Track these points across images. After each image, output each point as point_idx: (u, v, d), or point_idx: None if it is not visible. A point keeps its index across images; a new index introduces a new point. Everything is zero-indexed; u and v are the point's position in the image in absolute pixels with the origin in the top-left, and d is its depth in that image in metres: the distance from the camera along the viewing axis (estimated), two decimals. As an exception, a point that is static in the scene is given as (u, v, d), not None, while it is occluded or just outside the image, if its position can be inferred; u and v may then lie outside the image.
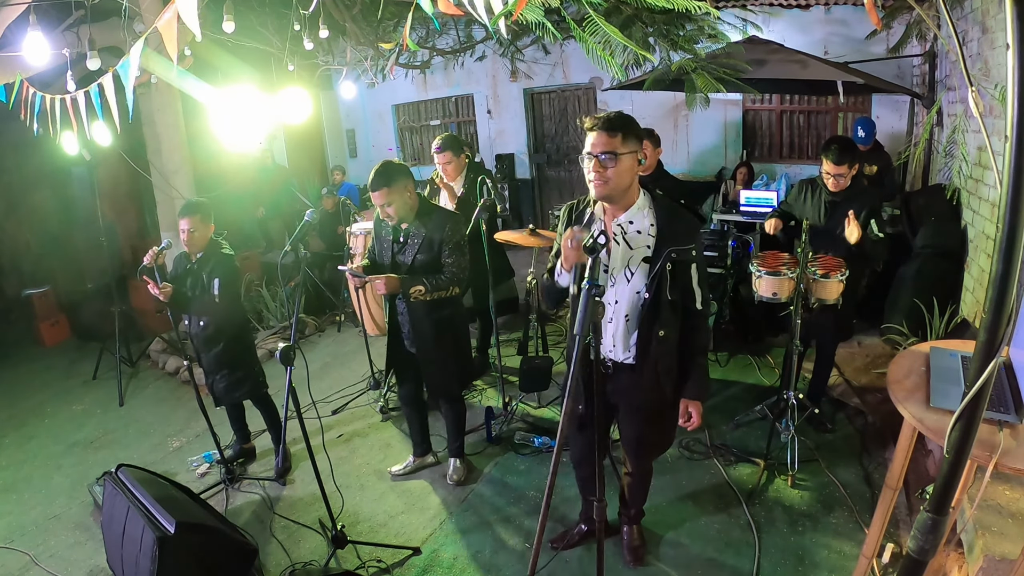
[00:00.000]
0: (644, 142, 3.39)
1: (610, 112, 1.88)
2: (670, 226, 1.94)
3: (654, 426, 2.17)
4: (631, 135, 1.85)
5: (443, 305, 2.73)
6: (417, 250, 2.67)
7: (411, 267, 2.68)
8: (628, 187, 1.91)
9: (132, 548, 2.31)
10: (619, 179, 1.86)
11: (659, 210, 1.97)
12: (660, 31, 3.97)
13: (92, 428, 4.19)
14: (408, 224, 2.69)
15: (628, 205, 1.95)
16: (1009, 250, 0.89)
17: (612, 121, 1.84)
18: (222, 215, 3.23)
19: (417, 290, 2.59)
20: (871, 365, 3.84)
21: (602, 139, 1.83)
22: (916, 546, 1.13)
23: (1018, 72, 0.84)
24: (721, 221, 5.53)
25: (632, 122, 1.88)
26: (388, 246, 2.75)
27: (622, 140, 1.83)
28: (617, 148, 1.82)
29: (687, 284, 1.98)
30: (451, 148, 3.69)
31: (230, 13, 2.86)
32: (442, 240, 2.65)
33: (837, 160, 2.93)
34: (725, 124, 6.44)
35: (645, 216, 1.96)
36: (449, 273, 2.65)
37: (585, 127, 1.89)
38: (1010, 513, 1.89)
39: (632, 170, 1.89)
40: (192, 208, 3.06)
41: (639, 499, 2.47)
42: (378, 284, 2.57)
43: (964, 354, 1.81)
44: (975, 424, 1.00)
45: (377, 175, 2.56)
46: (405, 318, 2.79)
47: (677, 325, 2.03)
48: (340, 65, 6.13)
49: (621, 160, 1.84)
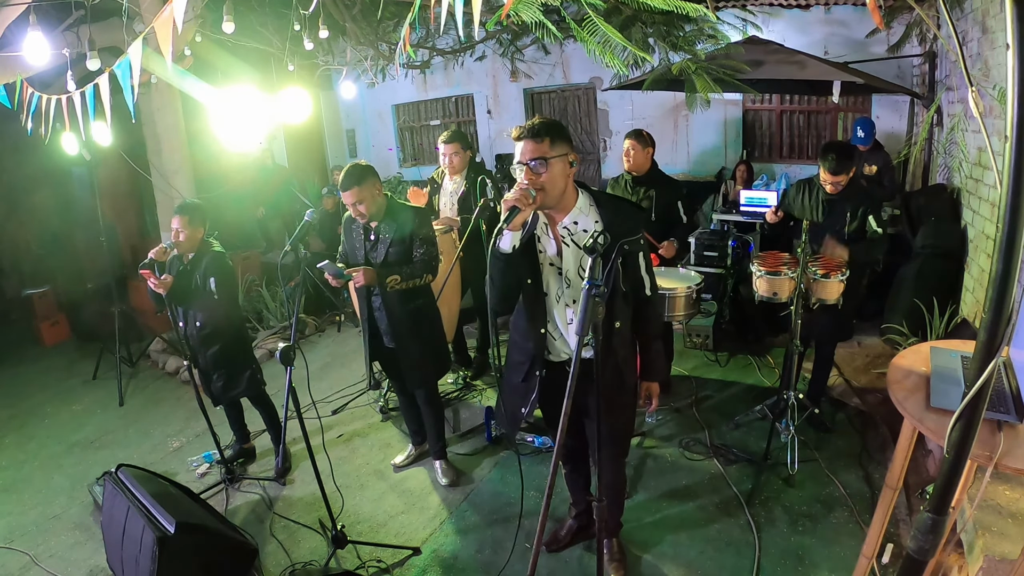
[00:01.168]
0: (635, 143, 3.41)
1: (534, 119, 1.91)
2: (616, 219, 1.97)
3: (617, 414, 2.18)
4: (559, 139, 1.88)
5: (417, 295, 2.85)
6: (389, 245, 2.76)
7: (384, 262, 2.76)
8: (564, 190, 1.93)
9: (132, 548, 2.31)
10: (552, 183, 1.88)
11: (601, 206, 2.00)
12: (660, 32, 3.98)
13: (92, 428, 4.19)
14: (378, 222, 2.78)
15: (568, 207, 1.98)
16: (1009, 250, 0.89)
17: (536, 128, 1.87)
18: (222, 215, 3.26)
19: (393, 279, 2.68)
20: (871, 365, 3.84)
21: (530, 146, 1.86)
22: (916, 546, 1.13)
23: (1018, 72, 0.84)
24: (721, 221, 5.54)
25: (557, 126, 1.91)
26: (360, 244, 2.84)
27: (550, 145, 1.86)
28: (546, 153, 1.85)
29: (636, 273, 2.04)
30: (459, 140, 3.76)
31: (230, 13, 2.86)
32: (412, 234, 2.76)
33: (834, 170, 2.94)
34: (725, 124, 6.44)
35: (588, 215, 1.99)
36: (421, 261, 2.76)
37: (512, 137, 1.93)
38: (1010, 513, 1.90)
39: (564, 173, 1.91)
40: (184, 209, 3.09)
41: (615, 512, 2.44)
42: (357, 276, 2.64)
43: (964, 354, 1.81)
44: (975, 424, 1.00)
45: (347, 175, 2.64)
46: (381, 313, 2.87)
47: (629, 315, 2.10)
48: (340, 65, 6.13)
49: (552, 164, 1.86)
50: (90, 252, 5.75)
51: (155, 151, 5.01)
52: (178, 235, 3.03)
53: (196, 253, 3.12)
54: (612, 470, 2.33)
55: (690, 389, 3.75)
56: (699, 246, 5.14)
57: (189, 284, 3.09)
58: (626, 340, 2.12)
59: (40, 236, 6.59)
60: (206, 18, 4.37)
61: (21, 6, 3.04)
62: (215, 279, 3.05)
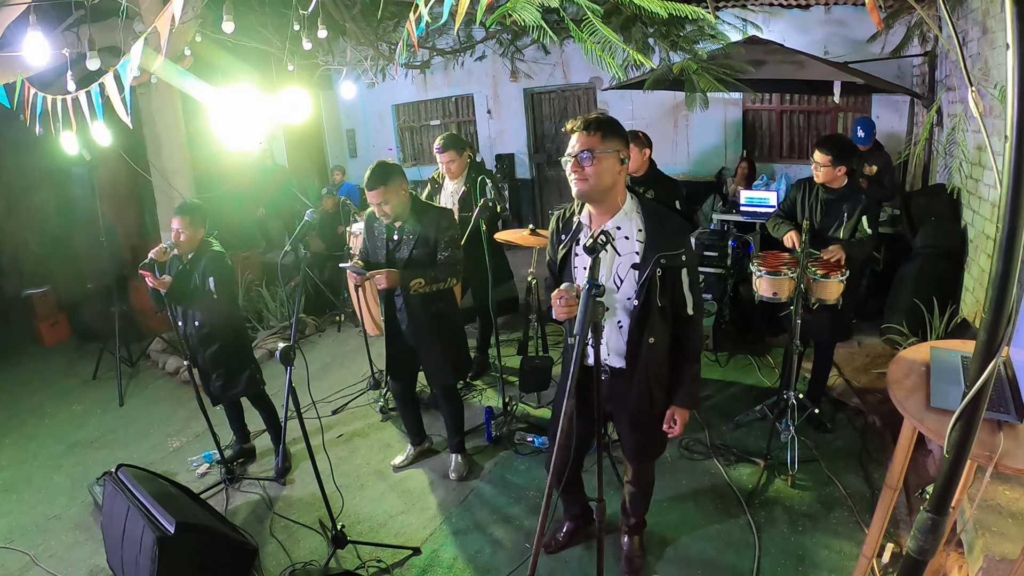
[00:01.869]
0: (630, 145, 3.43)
1: (590, 114, 1.88)
2: (658, 231, 1.90)
3: (646, 431, 2.15)
4: (611, 135, 1.83)
5: (440, 298, 2.81)
6: (413, 247, 2.72)
7: (408, 263, 2.72)
8: (610, 188, 1.87)
9: (132, 548, 2.31)
10: (599, 178, 1.82)
11: (647, 215, 1.93)
12: (660, 32, 3.98)
13: (92, 428, 4.19)
14: (403, 222, 2.74)
15: (614, 210, 1.92)
16: (1009, 250, 0.89)
17: (590, 121, 1.83)
18: (222, 215, 3.25)
19: (417, 282, 2.64)
20: (871, 365, 3.84)
21: (580, 139, 1.83)
22: (916, 546, 1.13)
23: (1018, 72, 0.84)
24: (721, 221, 5.53)
25: (613, 123, 1.86)
26: (383, 244, 2.79)
27: (601, 139, 1.81)
28: (595, 146, 1.80)
29: (678, 290, 1.95)
30: (453, 147, 3.72)
31: (230, 13, 2.86)
32: (437, 236, 2.71)
33: (822, 149, 2.95)
34: (725, 124, 6.44)
35: (632, 221, 1.92)
36: (446, 265, 2.72)
37: (567, 130, 1.89)
38: (1010, 513, 1.89)
39: (613, 170, 1.85)
40: (184, 209, 3.08)
41: (640, 509, 2.44)
42: (379, 279, 2.61)
43: (964, 354, 1.81)
44: (975, 424, 1.00)
45: (373, 174, 2.60)
46: (403, 314, 2.84)
47: (667, 332, 2.01)
48: (340, 65, 6.13)
49: (600, 158, 1.81)
50: (90, 252, 5.74)
51: (155, 151, 5.01)
52: (179, 235, 3.03)
53: (195, 253, 3.12)
54: (639, 471, 2.33)
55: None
56: (699, 246, 5.13)
57: (188, 284, 3.09)
58: (660, 357, 2.02)
59: (40, 236, 6.59)
60: (206, 18, 4.36)
61: (21, 6, 3.04)
62: (214, 278, 3.05)
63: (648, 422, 2.11)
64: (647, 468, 2.35)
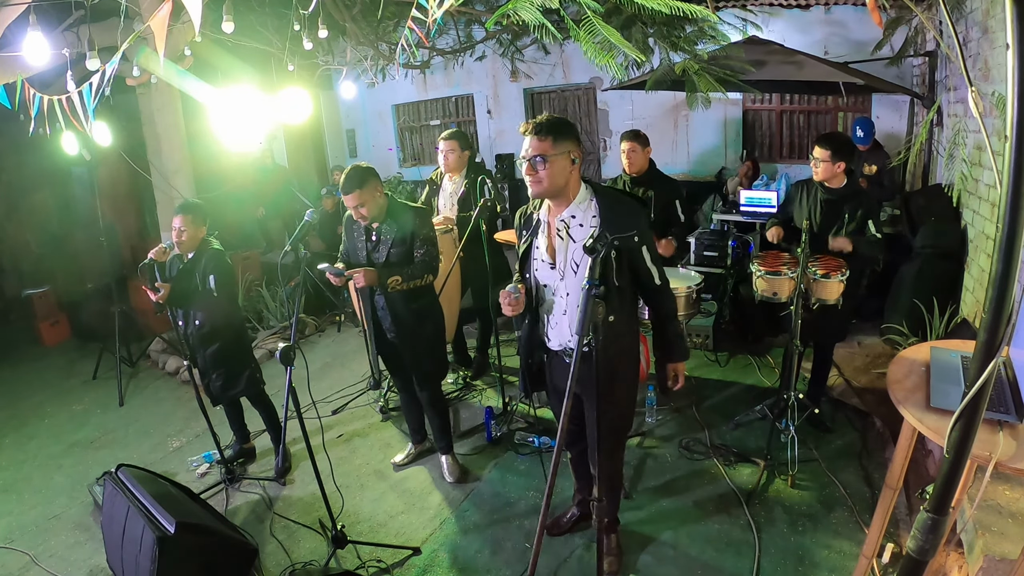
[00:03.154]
0: (634, 144, 3.43)
1: (541, 117, 1.97)
2: (611, 215, 2.01)
3: (612, 407, 2.19)
4: (562, 137, 1.94)
5: (420, 294, 2.86)
6: (390, 246, 2.77)
7: (386, 263, 2.77)
8: (564, 185, 1.99)
9: (132, 548, 2.31)
10: (552, 180, 1.95)
11: (601, 201, 2.04)
12: (660, 32, 3.98)
13: (92, 428, 4.19)
14: (379, 223, 2.78)
15: (568, 201, 2.04)
16: (1009, 250, 0.89)
17: (541, 126, 1.94)
18: (222, 215, 3.25)
19: (395, 280, 2.69)
20: (871, 365, 3.84)
21: (533, 143, 1.94)
22: (916, 546, 1.13)
23: (1018, 72, 0.84)
24: (721, 221, 5.54)
25: (562, 124, 1.97)
26: (362, 245, 2.84)
27: (552, 143, 1.92)
28: (547, 151, 1.92)
29: (641, 266, 2.07)
30: (459, 139, 3.78)
31: (230, 13, 2.86)
32: (413, 234, 2.77)
33: (821, 143, 2.96)
34: (725, 124, 6.44)
35: (587, 209, 2.04)
36: (422, 262, 2.77)
37: (520, 132, 1.99)
38: (1010, 513, 1.89)
39: (565, 170, 1.97)
40: (185, 208, 3.09)
41: (611, 507, 2.45)
42: (357, 277, 2.65)
43: (964, 354, 1.81)
44: (975, 424, 1.00)
45: (348, 178, 2.64)
46: (385, 313, 2.88)
47: (627, 307, 2.12)
48: (340, 65, 6.13)
49: (552, 162, 1.93)
50: (90, 252, 5.74)
51: (155, 151, 5.01)
52: (180, 234, 3.04)
53: (196, 252, 3.13)
54: (607, 465, 2.33)
55: (690, 389, 3.74)
56: (699, 246, 5.14)
57: (189, 283, 3.09)
58: (620, 333, 2.10)
59: (40, 236, 6.59)
60: (206, 18, 4.36)
61: (21, 6, 3.04)
62: (214, 276, 3.06)
63: (613, 397, 2.17)
64: (614, 463, 2.37)
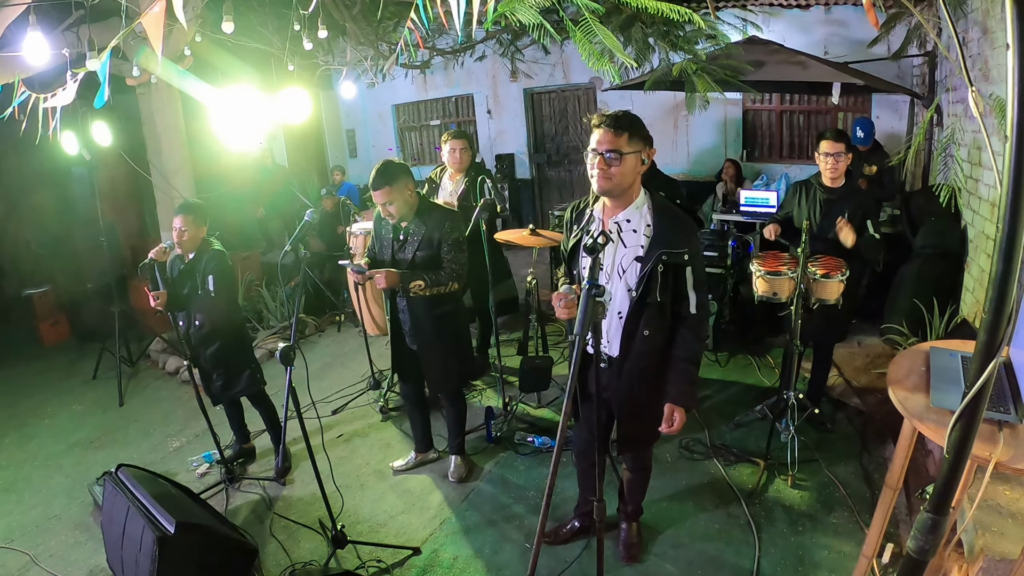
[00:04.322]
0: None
1: (618, 111, 1.91)
2: (665, 228, 1.95)
3: (635, 421, 2.18)
4: (636, 135, 1.89)
5: (443, 301, 2.77)
6: (417, 247, 2.70)
7: (411, 264, 2.70)
8: (630, 186, 1.94)
9: (132, 548, 2.31)
10: (622, 177, 1.90)
11: (657, 211, 1.98)
12: (660, 32, 3.98)
13: (92, 428, 4.19)
14: (408, 222, 2.72)
15: (627, 203, 1.98)
16: (1009, 250, 0.89)
17: (619, 120, 1.87)
18: (222, 215, 3.25)
19: (417, 284, 2.61)
20: (871, 365, 3.84)
21: (608, 137, 1.87)
22: (916, 546, 1.13)
23: (1018, 72, 0.84)
24: (721, 221, 5.53)
25: (639, 122, 1.92)
26: (388, 244, 2.78)
27: (628, 140, 1.87)
28: (622, 147, 1.86)
29: (681, 288, 1.98)
30: (467, 138, 3.80)
31: (230, 13, 2.86)
32: (441, 237, 2.68)
33: (835, 137, 2.94)
34: (725, 124, 6.44)
35: (642, 216, 1.98)
36: (448, 269, 2.68)
37: (592, 123, 1.92)
38: (1010, 513, 1.89)
39: (635, 169, 1.92)
40: (186, 208, 3.08)
41: (636, 496, 2.48)
42: (378, 278, 2.59)
43: (964, 354, 1.81)
44: (975, 424, 1.00)
45: (379, 174, 2.58)
46: (406, 315, 2.82)
47: (664, 327, 2.03)
48: (340, 65, 6.14)
49: (625, 159, 1.87)
50: (90, 252, 5.74)
51: (155, 151, 5.01)
52: (182, 235, 3.04)
53: (197, 252, 3.13)
54: (634, 457, 2.35)
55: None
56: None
57: (190, 283, 3.10)
58: (652, 350, 2.03)
59: (40, 236, 6.58)
60: (206, 18, 4.37)
61: (21, 6, 3.04)
62: (214, 276, 3.05)
63: (633, 413, 2.15)
64: (644, 454, 2.38)
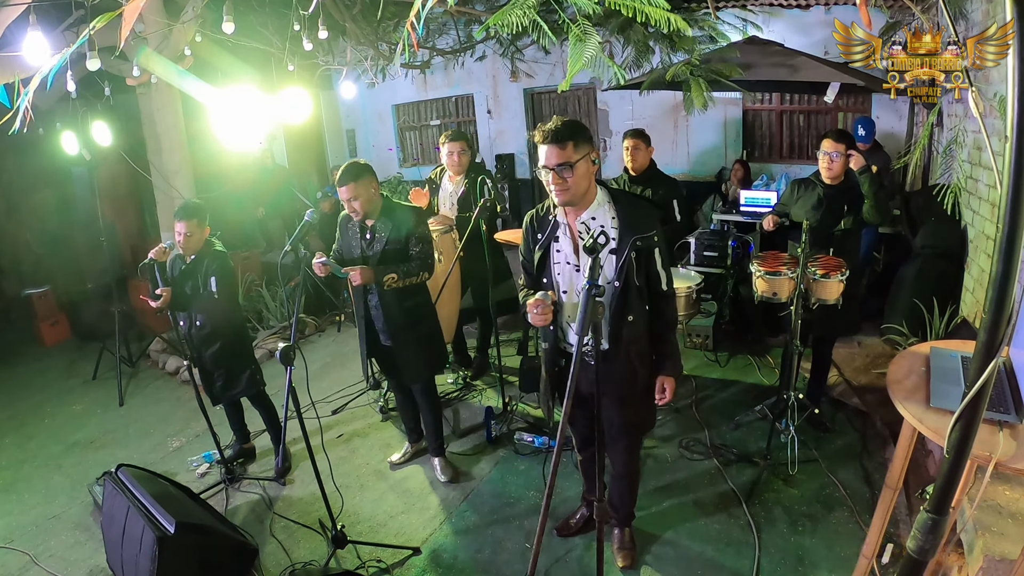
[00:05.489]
0: (639, 143, 3.44)
1: (556, 122, 1.92)
2: (631, 216, 2.02)
3: (631, 407, 2.21)
4: (580, 140, 1.93)
5: (413, 293, 2.87)
6: (385, 244, 2.78)
7: (381, 259, 2.78)
8: (587, 189, 2.00)
9: (132, 548, 2.31)
10: (577, 186, 1.94)
11: (618, 203, 2.06)
12: (660, 33, 3.98)
13: (92, 428, 4.19)
14: (374, 220, 2.80)
15: (588, 203, 2.04)
16: (1009, 250, 0.89)
17: (559, 132, 1.90)
18: (222, 215, 3.25)
19: (390, 277, 2.70)
20: (871, 365, 3.84)
21: (554, 152, 1.90)
22: (916, 546, 1.13)
23: (1018, 72, 0.84)
24: (721, 221, 5.54)
25: (579, 127, 1.95)
26: (356, 243, 2.85)
27: (573, 148, 1.90)
28: (570, 158, 1.90)
29: (652, 268, 2.07)
30: (466, 140, 3.80)
31: (230, 13, 2.86)
32: (408, 232, 2.78)
33: (837, 138, 2.96)
34: (725, 124, 6.44)
35: (606, 211, 2.04)
36: (419, 260, 2.78)
37: (536, 140, 1.96)
38: (1010, 513, 1.89)
39: (588, 173, 1.97)
40: (190, 211, 3.07)
41: (627, 501, 2.48)
42: (353, 275, 2.66)
43: (964, 354, 1.81)
44: (975, 424, 1.00)
45: (344, 172, 2.67)
46: (379, 312, 2.88)
47: (644, 309, 2.12)
48: (340, 65, 6.14)
49: (576, 168, 1.91)
50: (90, 252, 5.74)
51: (155, 151, 5.01)
52: (187, 239, 3.05)
53: (199, 253, 3.13)
54: (624, 460, 2.36)
55: (690, 389, 3.74)
56: (699, 246, 5.14)
57: (191, 284, 3.09)
58: (639, 334, 2.12)
59: (40, 236, 6.59)
60: (206, 18, 4.37)
61: (21, 6, 3.04)
62: (216, 278, 3.06)
63: (635, 396, 2.19)
64: (633, 458, 2.38)
